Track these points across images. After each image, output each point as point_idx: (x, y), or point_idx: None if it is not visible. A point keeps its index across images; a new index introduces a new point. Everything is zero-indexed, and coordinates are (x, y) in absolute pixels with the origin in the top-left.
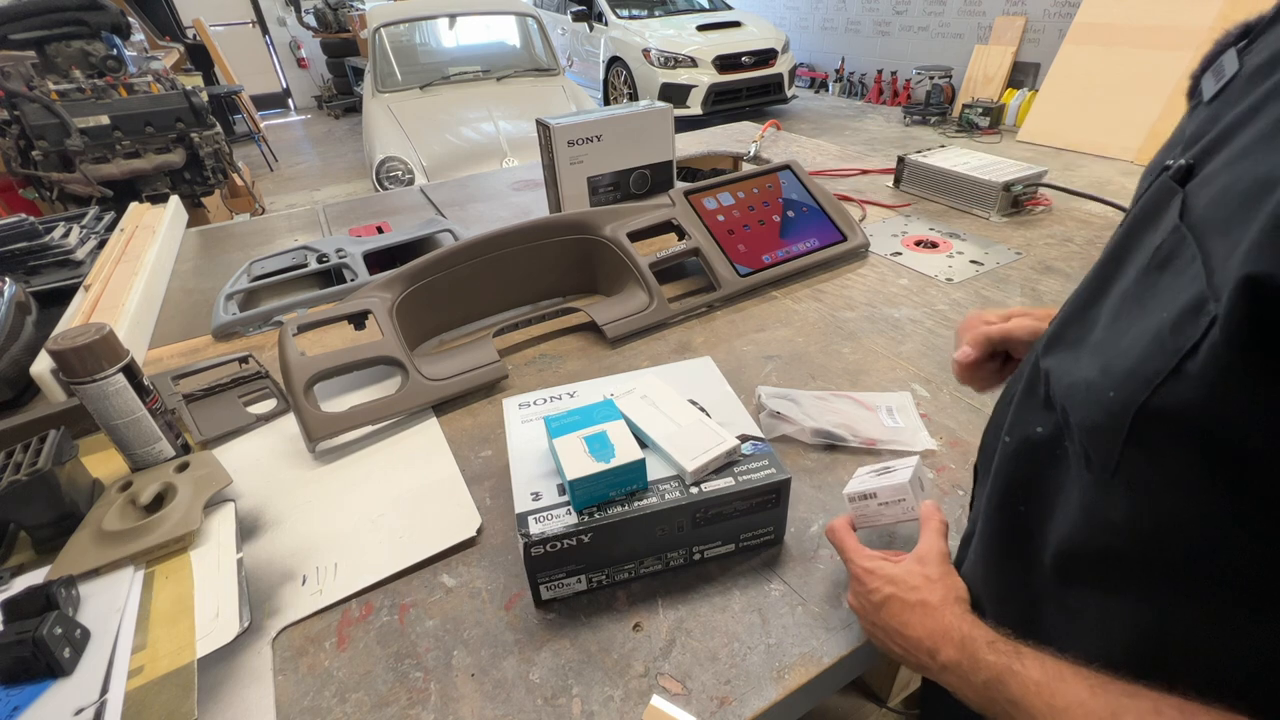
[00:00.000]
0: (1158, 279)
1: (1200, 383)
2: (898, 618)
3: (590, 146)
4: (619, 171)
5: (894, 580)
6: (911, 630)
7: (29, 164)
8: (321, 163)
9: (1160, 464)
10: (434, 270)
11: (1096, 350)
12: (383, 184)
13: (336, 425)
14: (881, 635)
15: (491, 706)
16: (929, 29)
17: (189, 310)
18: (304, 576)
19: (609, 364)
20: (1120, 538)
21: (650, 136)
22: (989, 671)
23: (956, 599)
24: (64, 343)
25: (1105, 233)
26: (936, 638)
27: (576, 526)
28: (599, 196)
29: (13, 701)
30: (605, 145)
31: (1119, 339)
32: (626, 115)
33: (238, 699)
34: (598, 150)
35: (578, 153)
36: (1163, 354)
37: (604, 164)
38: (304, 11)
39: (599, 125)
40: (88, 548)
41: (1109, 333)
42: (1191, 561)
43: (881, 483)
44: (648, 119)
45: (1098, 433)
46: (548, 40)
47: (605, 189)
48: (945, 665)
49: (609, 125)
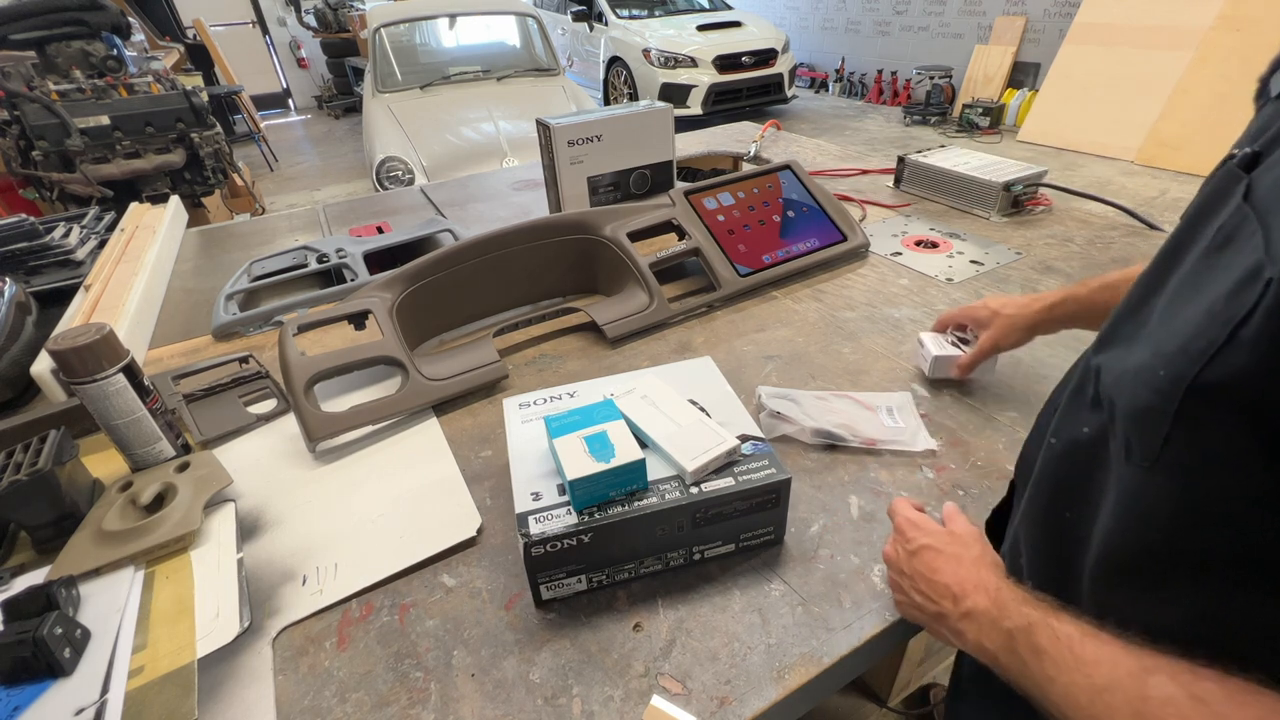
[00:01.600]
0: (1217, 259)
1: (1253, 349)
2: (929, 564)
3: (590, 146)
4: (619, 171)
5: (934, 534)
6: (940, 575)
7: (29, 164)
8: (321, 163)
9: (1204, 444)
10: (434, 270)
11: (1149, 339)
12: (383, 184)
13: (337, 425)
14: (907, 583)
15: (492, 706)
16: (929, 29)
17: (189, 310)
18: (304, 576)
19: (609, 364)
20: (1159, 530)
21: (650, 136)
22: (1020, 620)
23: (993, 563)
24: (64, 343)
25: (1106, 233)
26: (966, 585)
27: (576, 526)
28: (599, 196)
29: (13, 701)
30: (605, 145)
31: (1172, 322)
32: (626, 115)
33: (238, 699)
34: (598, 150)
35: (578, 152)
36: (1215, 325)
37: (604, 164)
38: (304, 11)
39: (599, 125)
40: (88, 548)
41: (1163, 318)
42: (1228, 548)
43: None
44: (648, 119)
45: (1145, 415)
46: (548, 40)
47: (605, 189)
48: (969, 611)
49: (609, 125)
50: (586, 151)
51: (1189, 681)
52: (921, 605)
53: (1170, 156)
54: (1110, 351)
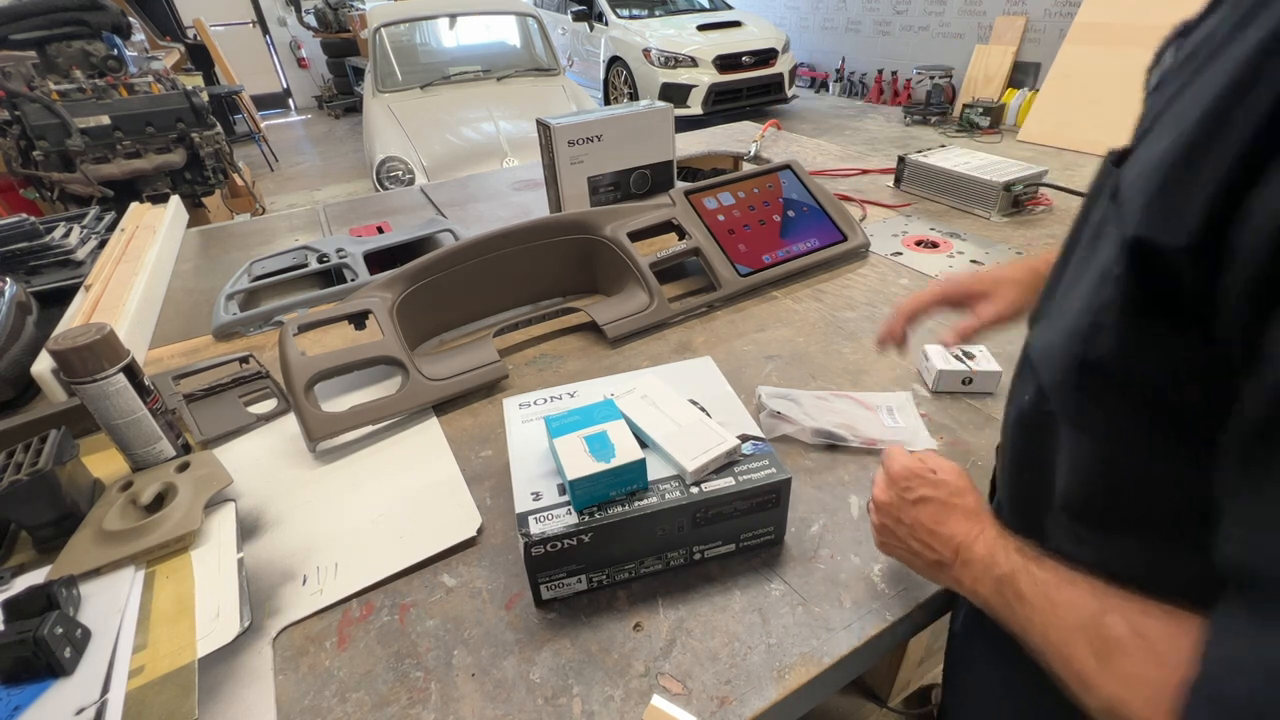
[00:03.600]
0: (1092, 250)
1: (1114, 337)
2: (933, 516)
3: (590, 146)
4: (619, 171)
5: (935, 485)
6: (943, 527)
7: (30, 164)
8: (322, 163)
9: (1111, 413)
10: (434, 270)
11: (1057, 316)
12: (383, 184)
13: (337, 425)
14: (904, 531)
15: (492, 706)
16: (929, 29)
17: (189, 310)
18: (304, 576)
19: (609, 364)
20: (1099, 488)
21: (651, 136)
22: (1006, 568)
23: (986, 509)
24: (65, 343)
25: None
26: (971, 536)
27: (577, 526)
28: (599, 196)
29: (14, 701)
30: (606, 145)
31: (1067, 304)
32: (626, 115)
33: (238, 699)
34: (598, 150)
35: (578, 152)
36: (1089, 311)
37: (604, 164)
38: (304, 11)
39: (599, 125)
40: (88, 547)
41: (1064, 299)
42: (1156, 505)
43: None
44: (648, 119)
45: (1059, 388)
46: (548, 40)
47: (606, 189)
48: (968, 561)
49: (609, 125)
50: (587, 151)
51: (1137, 620)
52: (920, 553)
53: None
54: (1036, 327)
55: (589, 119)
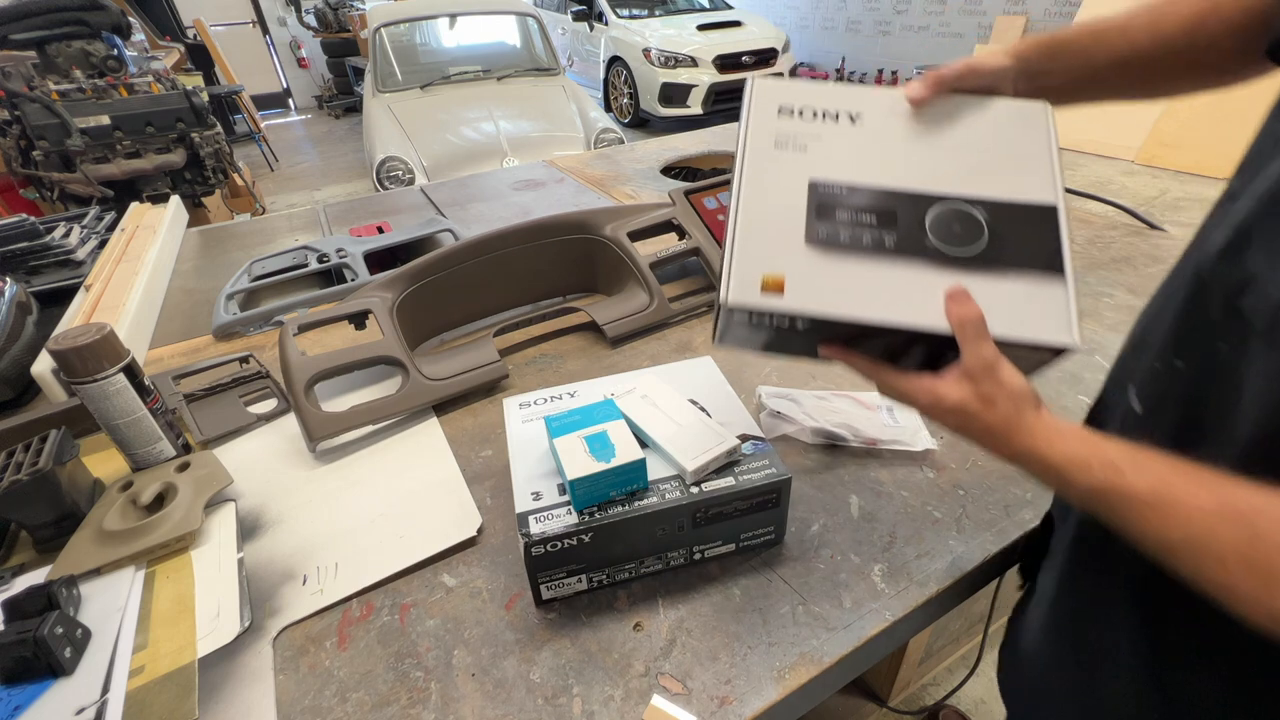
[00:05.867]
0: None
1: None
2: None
3: (830, 128)
4: (905, 197)
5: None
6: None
7: (30, 164)
8: (322, 163)
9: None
10: (434, 270)
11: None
12: (383, 184)
13: (337, 425)
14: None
15: (492, 706)
16: (929, 28)
17: (189, 310)
18: (304, 576)
19: (609, 364)
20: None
21: (1008, 145)
22: (1110, 458)
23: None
24: (65, 343)
25: (1106, 232)
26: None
27: (577, 526)
28: (829, 226)
29: (14, 701)
30: (879, 131)
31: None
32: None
33: (238, 699)
34: (853, 138)
35: (800, 131)
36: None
37: (864, 167)
38: (304, 11)
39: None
40: (89, 547)
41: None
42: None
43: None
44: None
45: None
46: (548, 40)
47: (855, 221)
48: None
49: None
50: (820, 134)
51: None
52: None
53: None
54: (1255, 258)
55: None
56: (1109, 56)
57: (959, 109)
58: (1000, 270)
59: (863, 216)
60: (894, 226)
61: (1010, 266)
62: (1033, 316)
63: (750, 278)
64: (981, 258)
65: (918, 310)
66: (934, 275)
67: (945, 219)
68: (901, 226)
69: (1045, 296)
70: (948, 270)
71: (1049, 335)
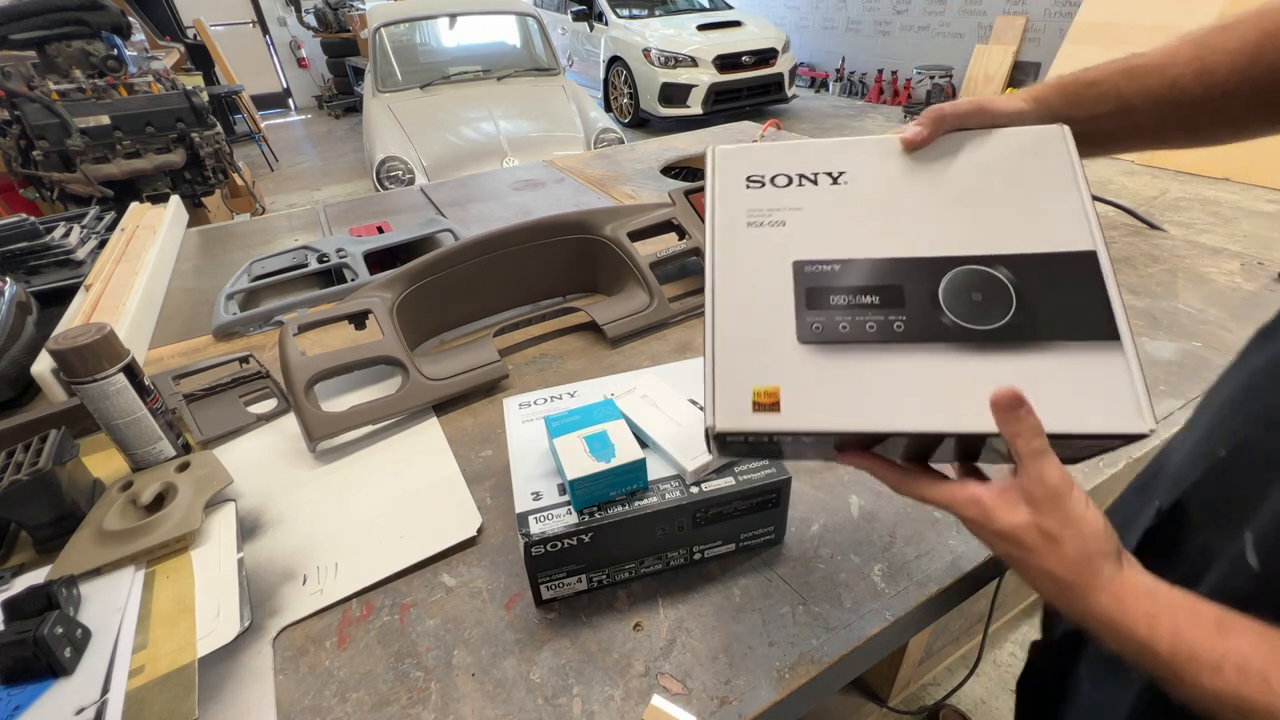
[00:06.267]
0: None
1: None
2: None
3: (810, 194)
4: (911, 266)
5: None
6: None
7: (29, 164)
8: (322, 163)
9: None
10: (434, 270)
11: None
12: (383, 184)
13: (337, 425)
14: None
15: (492, 706)
16: (929, 28)
17: (189, 310)
18: (304, 576)
19: (609, 364)
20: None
21: (1024, 183)
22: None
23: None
24: (65, 342)
25: (1106, 232)
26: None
27: (577, 526)
28: (824, 317)
29: (14, 701)
30: (869, 189)
31: None
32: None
33: (238, 698)
34: (839, 202)
35: (774, 203)
36: None
37: (857, 235)
38: (304, 11)
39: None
40: (88, 547)
41: None
42: None
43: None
44: (1011, 147)
45: None
46: (548, 40)
47: (854, 304)
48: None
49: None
50: (804, 202)
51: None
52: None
53: (1170, 156)
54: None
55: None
56: (1146, 99)
57: (960, 146)
58: (1038, 344)
59: (862, 298)
60: (901, 306)
61: (1049, 338)
62: (1088, 399)
63: (739, 395)
64: (1012, 330)
65: (944, 410)
66: (957, 361)
67: (962, 287)
68: (910, 305)
69: (1100, 370)
70: (973, 353)
71: (1113, 423)
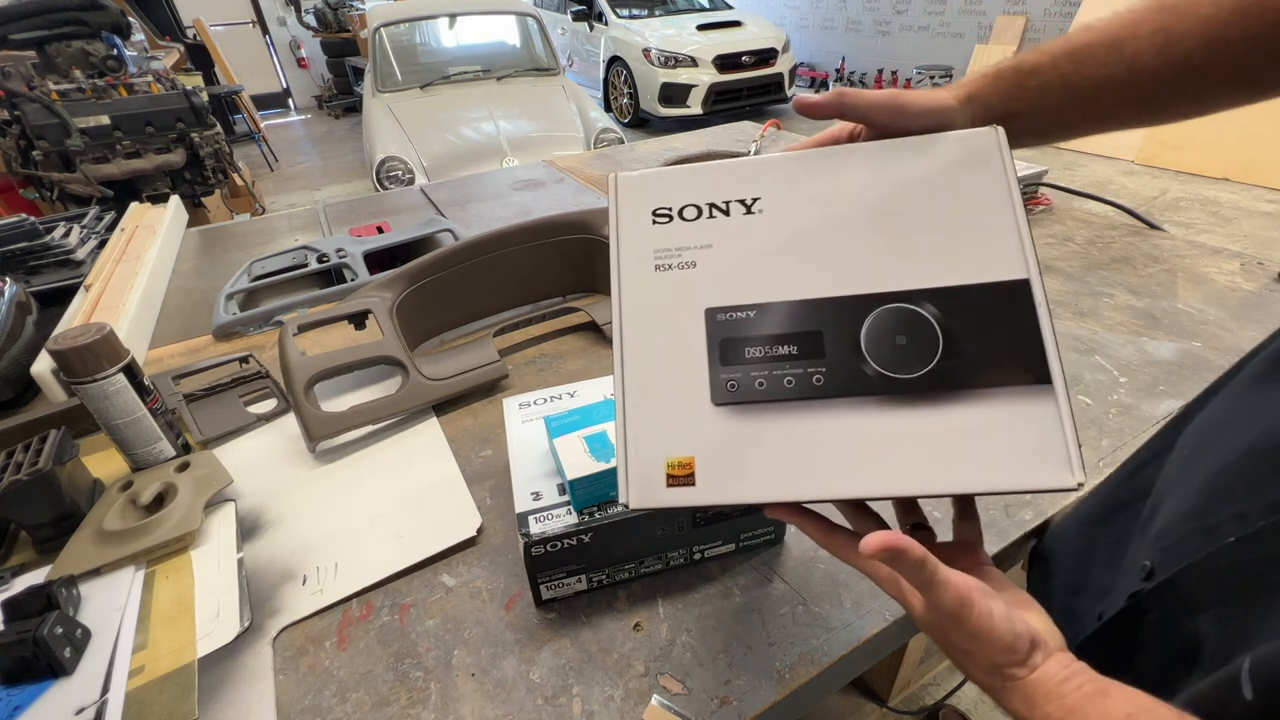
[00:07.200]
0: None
1: None
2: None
3: (721, 227)
4: (830, 307)
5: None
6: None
7: (29, 164)
8: (321, 162)
9: None
10: (434, 270)
11: None
12: (383, 184)
13: (337, 425)
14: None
15: (492, 706)
16: (929, 28)
17: (189, 310)
18: (304, 576)
19: (609, 364)
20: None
21: (951, 201)
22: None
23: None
24: (64, 343)
25: (1106, 232)
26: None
27: (577, 526)
28: (738, 375)
29: (13, 701)
30: (785, 217)
31: None
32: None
33: (238, 698)
34: (752, 235)
35: (683, 240)
36: None
37: (773, 274)
38: (304, 11)
39: (765, 170)
40: (88, 547)
41: None
42: None
43: None
44: (940, 158)
45: None
46: (548, 40)
47: (769, 357)
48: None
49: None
50: (715, 237)
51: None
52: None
53: (1170, 156)
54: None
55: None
56: (1097, 85)
57: (883, 159)
58: (964, 393)
59: (779, 348)
60: (821, 356)
61: (976, 385)
62: (1016, 453)
63: (651, 469)
64: (938, 377)
65: (870, 475)
66: (881, 417)
67: (885, 330)
68: (831, 354)
69: (1030, 420)
70: (898, 406)
71: (1039, 478)
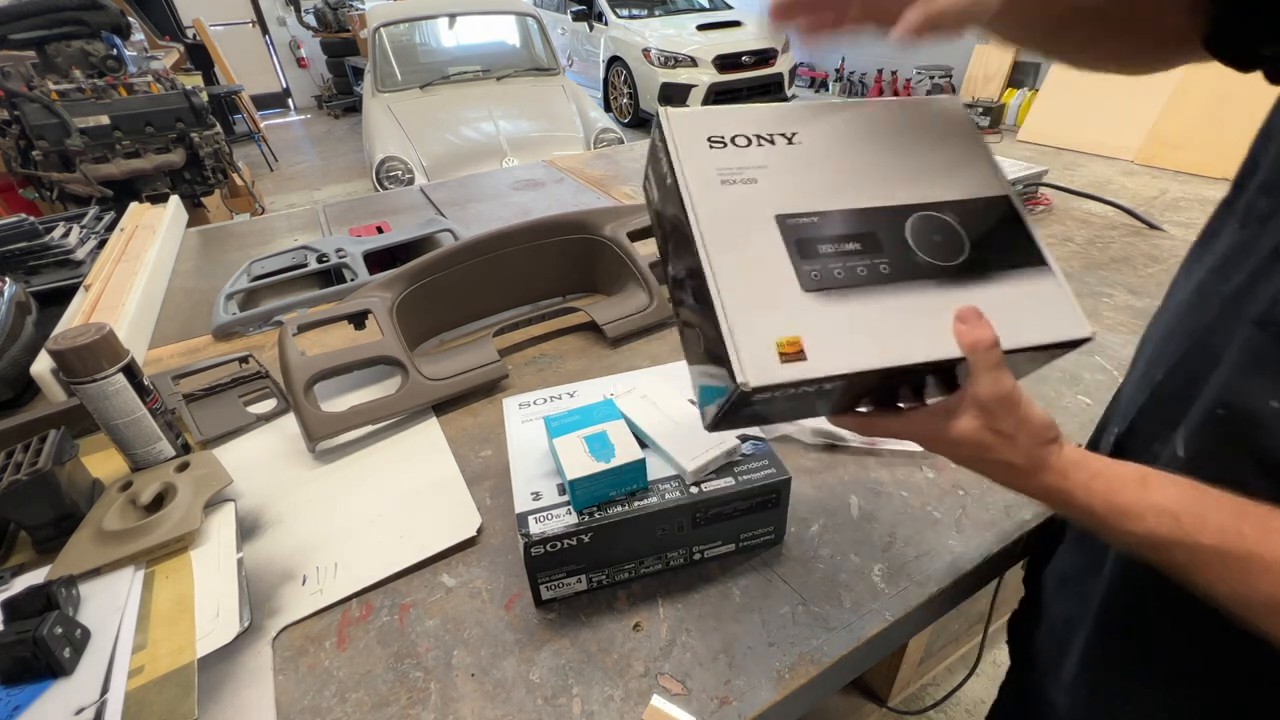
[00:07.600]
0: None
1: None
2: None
3: (772, 152)
4: (878, 214)
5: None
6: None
7: (29, 164)
8: (321, 162)
9: None
10: (434, 270)
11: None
12: (383, 184)
13: (336, 425)
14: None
15: (492, 706)
16: None
17: (189, 310)
18: (304, 576)
19: (609, 364)
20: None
21: (941, 142)
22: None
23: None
24: (64, 342)
25: (1106, 232)
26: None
27: (576, 526)
28: (819, 265)
29: (13, 701)
30: (821, 148)
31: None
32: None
33: (238, 699)
34: (799, 160)
35: (741, 161)
36: None
37: (824, 190)
38: (304, 11)
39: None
40: (88, 547)
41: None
42: None
43: None
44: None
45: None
46: (548, 40)
47: (841, 252)
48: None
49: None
50: (768, 161)
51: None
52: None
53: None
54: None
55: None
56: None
57: (883, 116)
58: (990, 275)
59: (846, 245)
60: (881, 250)
61: (998, 269)
62: (1040, 317)
63: (763, 350)
64: (971, 265)
65: (940, 340)
66: (937, 295)
67: (924, 230)
68: (888, 248)
69: (1043, 292)
70: (947, 287)
71: (1065, 332)
